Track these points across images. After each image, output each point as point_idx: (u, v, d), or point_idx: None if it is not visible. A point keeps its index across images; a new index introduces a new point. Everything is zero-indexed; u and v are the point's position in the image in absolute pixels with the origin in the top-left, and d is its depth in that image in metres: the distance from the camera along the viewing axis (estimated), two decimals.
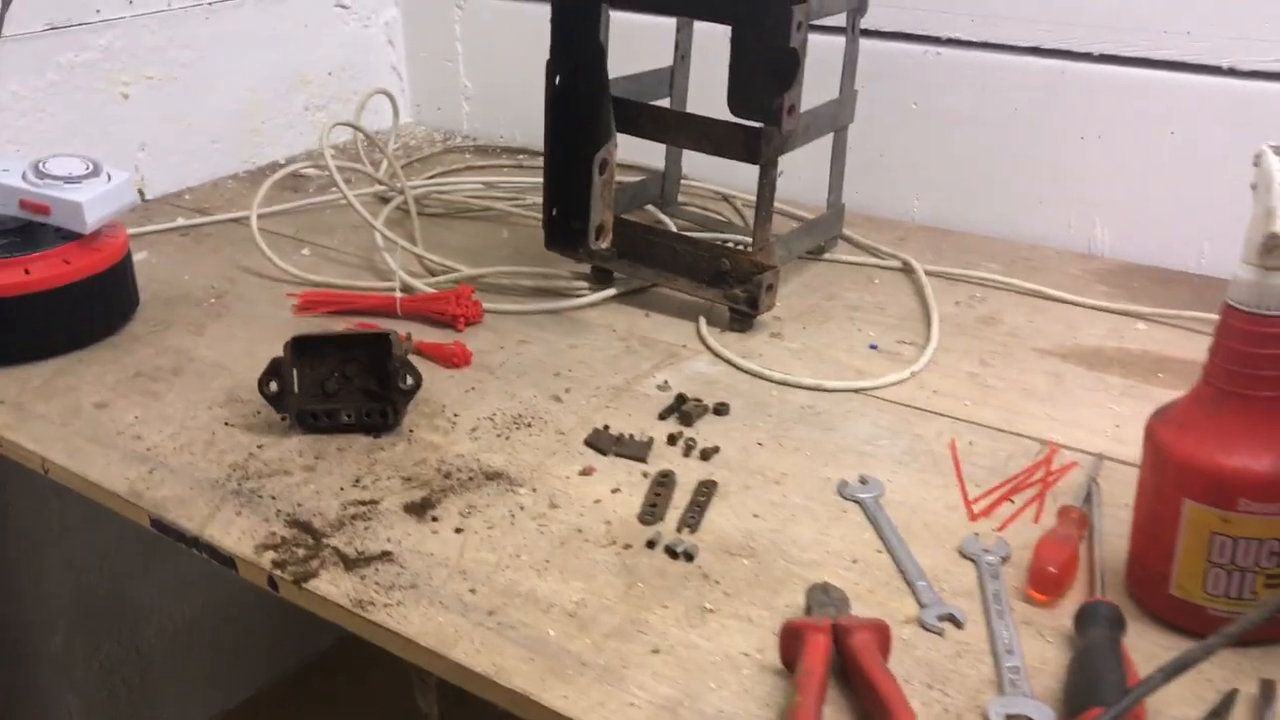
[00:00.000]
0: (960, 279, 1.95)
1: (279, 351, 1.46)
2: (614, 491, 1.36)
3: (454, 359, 1.66)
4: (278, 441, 1.47)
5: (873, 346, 1.72)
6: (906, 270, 1.99)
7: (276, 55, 2.54)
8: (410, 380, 1.46)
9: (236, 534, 1.29)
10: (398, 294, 1.81)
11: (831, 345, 1.73)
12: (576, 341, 1.74)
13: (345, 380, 1.50)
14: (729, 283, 1.78)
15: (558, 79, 1.78)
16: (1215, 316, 1.07)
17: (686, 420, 1.50)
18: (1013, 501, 1.33)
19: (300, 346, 1.47)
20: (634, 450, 1.43)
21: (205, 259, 2.07)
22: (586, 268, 1.92)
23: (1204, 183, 1.92)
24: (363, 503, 1.34)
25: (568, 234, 1.88)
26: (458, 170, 2.55)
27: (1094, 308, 1.83)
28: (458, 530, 1.29)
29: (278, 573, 1.21)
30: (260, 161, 2.56)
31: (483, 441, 1.46)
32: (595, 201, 1.71)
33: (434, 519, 1.31)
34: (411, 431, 1.49)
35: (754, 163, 1.71)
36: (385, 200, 2.29)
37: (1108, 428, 1.48)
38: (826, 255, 2.04)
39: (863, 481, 1.36)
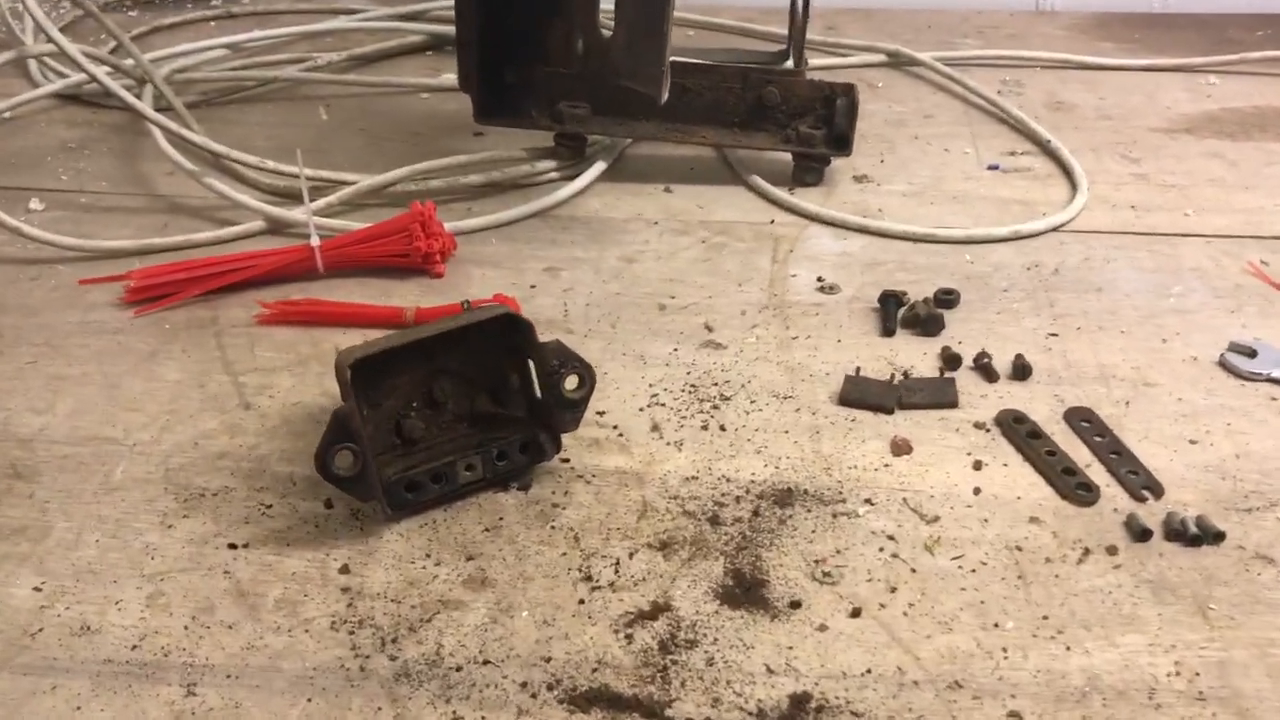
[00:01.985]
0: (961, 63, 1.59)
1: (146, 390, 0.80)
2: (977, 467, 0.88)
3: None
4: (366, 554, 0.82)
5: (993, 167, 1.33)
6: (898, 63, 1.60)
7: None
8: (578, 380, 0.85)
9: None
10: (314, 239, 1.12)
11: (941, 177, 1.32)
12: (625, 250, 1.18)
13: (433, 409, 0.86)
14: (782, 119, 1.28)
15: None
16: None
17: (929, 326, 1.03)
18: None
19: (361, 379, 0.81)
20: (937, 394, 0.95)
21: None
22: (540, 139, 1.32)
23: None
24: (643, 615, 0.76)
25: (505, 95, 1.27)
26: (159, 32, 1.72)
27: (1143, 69, 1.56)
28: (854, 613, 0.76)
29: None
30: None
31: (695, 445, 0.91)
32: (664, 24, 1.11)
33: (789, 604, 0.77)
34: (567, 463, 0.89)
35: None
36: (83, 97, 1.46)
37: None
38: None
39: (1244, 352, 0.99)
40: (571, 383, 0.85)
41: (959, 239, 1.18)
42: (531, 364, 0.87)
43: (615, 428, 0.93)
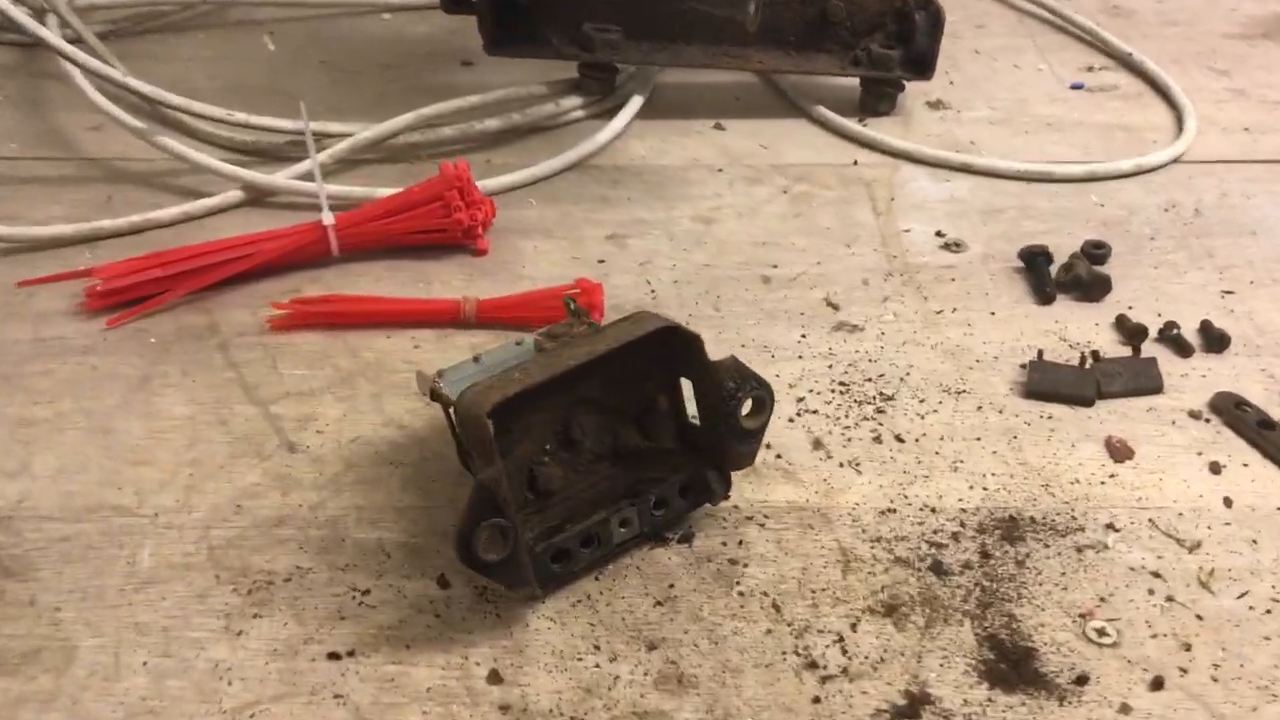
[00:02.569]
0: None
1: (150, 433, 0.63)
2: (1215, 470, 0.75)
3: (589, 310, 0.85)
4: (514, 651, 0.64)
5: (1077, 86, 1.17)
6: None
7: None
8: (755, 402, 0.67)
9: None
10: (326, 216, 0.90)
11: (1023, 100, 1.16)
12: (697, 207, 1.00)
13: (570, 450, 0.67)
14: (848, 37, 1.10)
15: None
16: None
17: (1093, 290, 0.88)
18: None
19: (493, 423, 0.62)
20: (1138, 377, 0.80)
21: None
22: (552, 69, 1.11)
23: None
24: (899, 713, 0.60)
25: (519, 19, 1.05)
26: None
27: None
28: (1155, 684, 0.62)
29: None
30: None
31: (875, 464, 0.75)
32: None
33: (1074, 680, 0.62)
34: (728, 501, 0.71)
35: None
36: None
37: None
38: None
39: None
40: (749, 408, 0.67)
41: (1079, 176, 1.02)
42: (685, 383, 0.69)
43: (769, 446, 0.76)
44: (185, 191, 1.00)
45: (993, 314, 0.87)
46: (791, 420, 0.78)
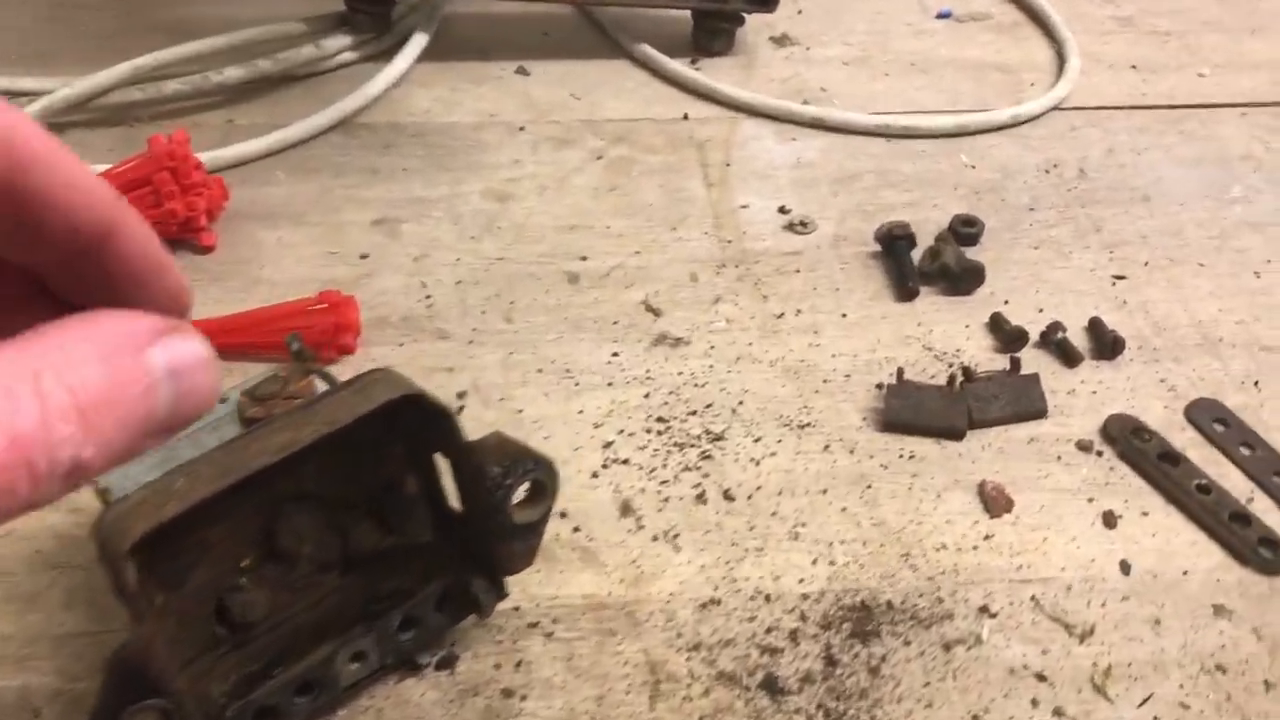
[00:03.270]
0: None
1: None
2: (1109, 523, 0.62)
3: (339, 333, 0.68)
4: None
5: (944, 15, 1.02)
6: None
7: None
8: (532, 487, 0.51)
9: None
10: None
11: (883, 33, 1.00)
12: (490, 179, 0.82)
13: (280, 564, 0.50)
14: None
15: None
16: None
17: (963, 281, 0.74)
18: None
19: (146, 555, 0.44)
20: (1018, 399, 0.67)
21: None
22: (316, 2, 0.91)
23: None
24: None
25: None
26: None
27: None
28: None
29: None
30: None
31: (696, 534, 0.61)
32: None
33: None
34: (507, 602, 0.55)
35: None
36: None
37: None
38: None
39: None
40: (523, 494, 0.51)
41: (948, 130, 0.87)
42: (440, 458, 0.52)
43: (564, 515, 0.60)
44: None
45: (844, 316, 0.72)
46: (595, 475, 0.62)
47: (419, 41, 0.91)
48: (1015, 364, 0.68)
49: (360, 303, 0.69)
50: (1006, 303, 0.73)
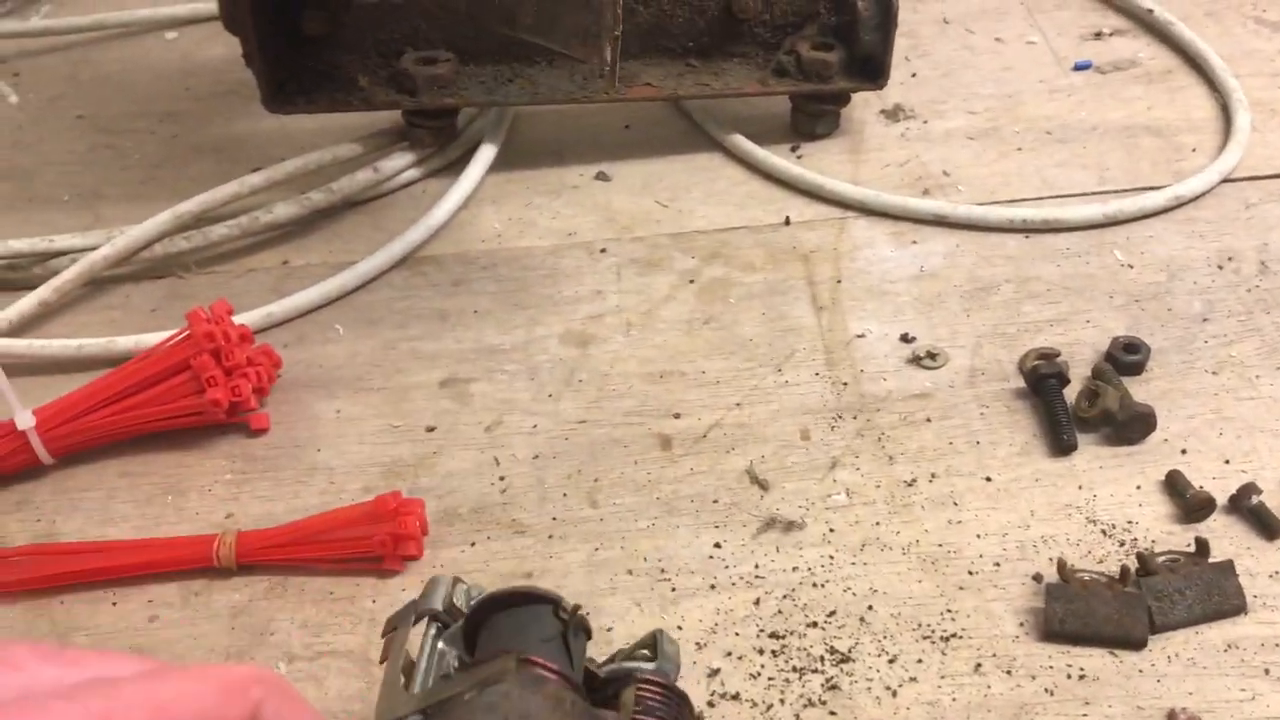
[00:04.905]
0: None
1: None
2: None
3: (400, 545, 0.60)
4: None
5: (1082, 66, 0.90)
6: None
7: None
8: None
9: None
10: (21, 418, 0.64)
11: (1012, 95, 0.89)
12: (569, 319, 0.74)
13: None
14: (766, 36, 0.83)
15: None
16: None
17: (1131, 430, 0.63)
18: None
19: None
20: (1209, 593, 0.56)
21: None
22: (375, 122, 0.84)
23: None
24: None
25: (308, 56, 0.78)
26: None
27: None
28: None
29: None
30: None
31: None
32: None
33: None
34: None
35: None
36: None
37: None
38: None
39: None
40: None
41: (1096, 221, 0.76)
42: None
43: None
44: None
45: (988, 480, 0.62)
46: (701, 717, 0.53)
47: (487, 155, 0.83)
48: (1203, 547, 0.57)
49: (427, 491, 0.62)
50: (1184, 452, 0.62)
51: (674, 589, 0.58)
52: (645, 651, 0.48)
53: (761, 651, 0.56)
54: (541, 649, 0.44)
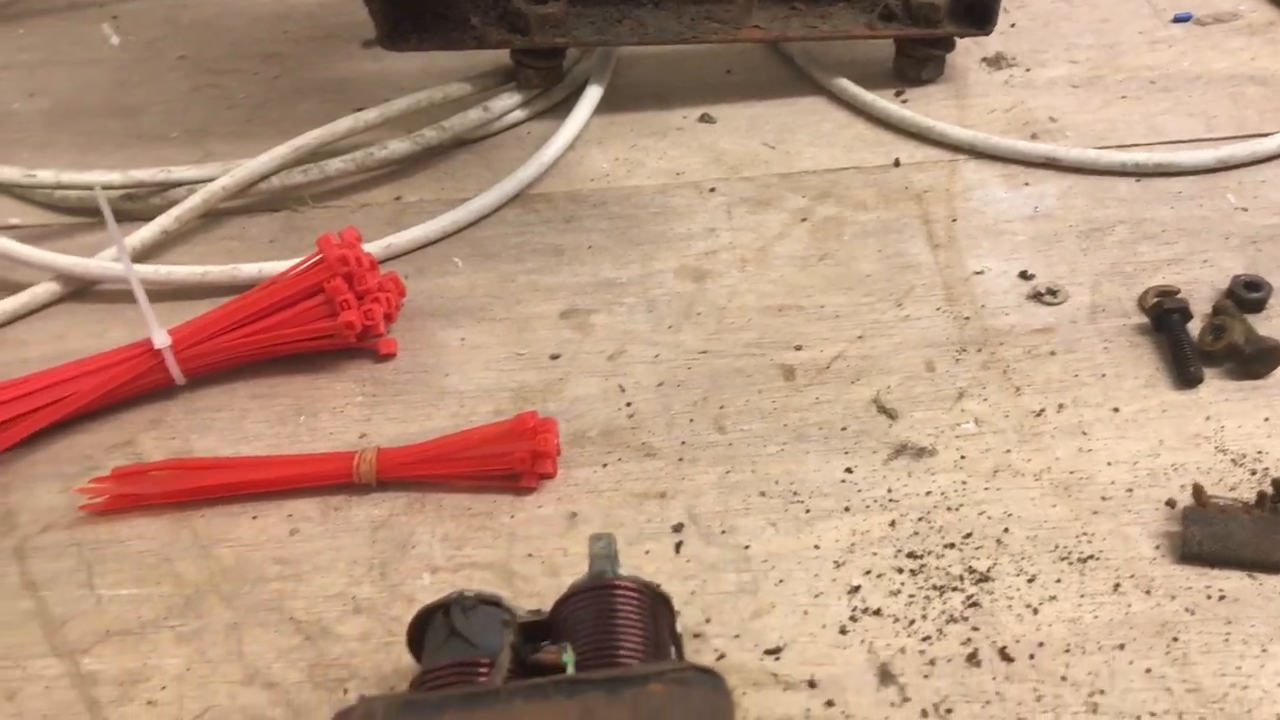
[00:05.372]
0: None
1: None
2: None
3: (538, 461, 0.61)
4: None
5: (1182, 18, 0.90)
6: None
7: None
8: None
9: None
10: (157, 337, 0.65)
11: (1112, 46, 0.90)
12: (683, 255, 0.75)
13: None
14: None
15: None
16: None
17: (1257, 364, 0.64)
18: None
19: None
20: None
21: None
22: (493, 54, 0.85)
23: None
24: None
25: (428, 0, 0.80)
26: None
27: None
28: None
29: None
30: None
31: (977, 707, 0.53)
32: None
33: None
34: None
35: None
36: None
37: None
38: None
39: None
40: None
41: (1208, 165, 0.77)
42: None
43: (813, 685, 0.52)
44: None
45: (1116, 411, 0.63)
46: (844, 631, 0.54)
47: (593, 95, 0.84)
48: None
49: (554, 415, 0.63)
50: None
51: (808, 510, 0.59)
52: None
53: (900, 570, 0.56)
54: None
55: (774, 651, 0.54)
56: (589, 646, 0.47)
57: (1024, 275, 0.71)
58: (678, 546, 0.58)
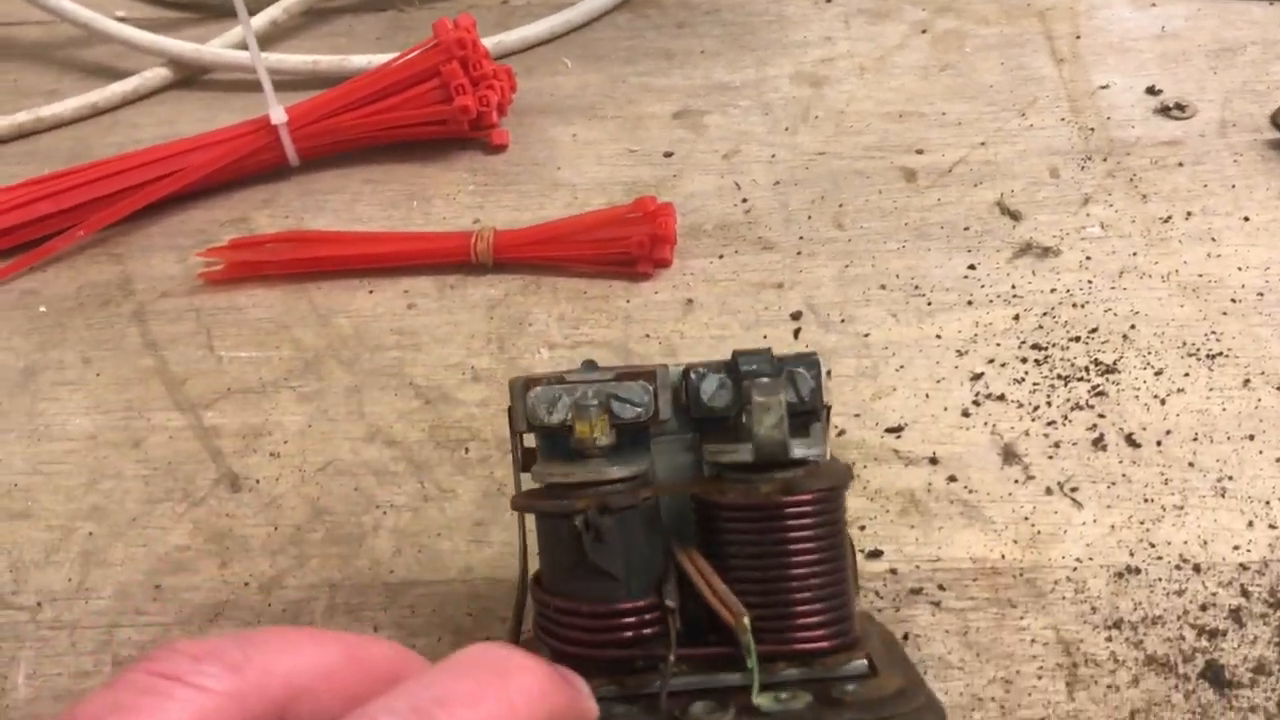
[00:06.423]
0: None
1: (36, 460, 0.46)
2: None
3: (656, 246, 0.61)
4: None
5: None
6: None
7: None
8: None
9: None
10: (274, 113, 0.65)
11: None
12: (798, 61, 0.75)
13: None
14: None
15: None
16: None
17: None
18: None
19: None
20: None
21: None
22: None
23: None
24: None
25: None
26: None
27: None
28: None
29: None
30: None
31: (1098, 489, 0.53)
32: None
33: None
34: (885, 565, 0.49)
35: None
36: None
37: None
38: None
39: None
40: None
41: None
42: None
43: (934, 461, 0.52)
44: (89, 70, 0.75)
45: (1246, 219, 0.62)
46: (966, 414, 0.54)
47: None
48: None
49: (674, 209, 0.63)
50: None
51: (929, 303, 0.59)
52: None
53: (1024, 360, 0.56)
54: None
55: (895, 430, 0.54)
56: (758, 599, 0.37)
57: (1151, 90, 0.69)
58: (796, 333, 0.58)
